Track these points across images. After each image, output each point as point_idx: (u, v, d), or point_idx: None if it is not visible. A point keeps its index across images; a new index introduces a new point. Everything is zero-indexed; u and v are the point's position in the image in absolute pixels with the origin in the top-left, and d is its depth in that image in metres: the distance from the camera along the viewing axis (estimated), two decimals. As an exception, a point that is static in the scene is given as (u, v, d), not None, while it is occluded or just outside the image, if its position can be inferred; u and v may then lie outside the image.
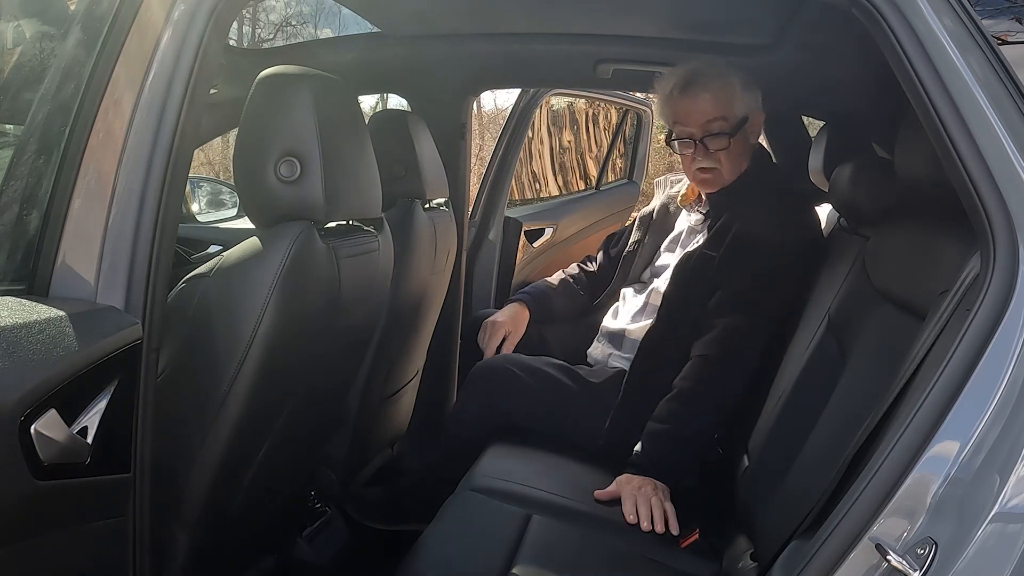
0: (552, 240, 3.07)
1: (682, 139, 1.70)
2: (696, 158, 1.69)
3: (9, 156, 1.00)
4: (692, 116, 1.67)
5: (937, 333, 0.95)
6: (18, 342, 0.82)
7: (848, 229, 1.59)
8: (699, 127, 1.67)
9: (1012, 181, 0.91)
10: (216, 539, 1.27)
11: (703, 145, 1.67)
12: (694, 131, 1.68)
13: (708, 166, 1.68)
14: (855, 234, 1.53)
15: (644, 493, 1.47)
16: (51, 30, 1.08)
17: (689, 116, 1.68)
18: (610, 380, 1.71)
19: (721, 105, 1.66)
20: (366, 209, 1.33)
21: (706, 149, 1.67)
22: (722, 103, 1.66)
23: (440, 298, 2.11)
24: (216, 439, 1.15)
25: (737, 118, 1.67)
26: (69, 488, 0.88)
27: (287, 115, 1.17)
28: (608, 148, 3.63)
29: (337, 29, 5.17)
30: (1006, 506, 0.87)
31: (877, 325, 1.23)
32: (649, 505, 1.44)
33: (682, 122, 1.69)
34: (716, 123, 1.66)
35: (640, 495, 1.47)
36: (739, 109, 1.67)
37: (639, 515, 1.43)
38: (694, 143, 1.68)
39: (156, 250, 0.97)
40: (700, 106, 1.66)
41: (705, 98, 1.66)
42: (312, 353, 1.28)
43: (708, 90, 1.66)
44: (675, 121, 1.71)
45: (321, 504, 1.76)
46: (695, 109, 1.67)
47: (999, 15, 1.09)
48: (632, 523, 1.43)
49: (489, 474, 1.51)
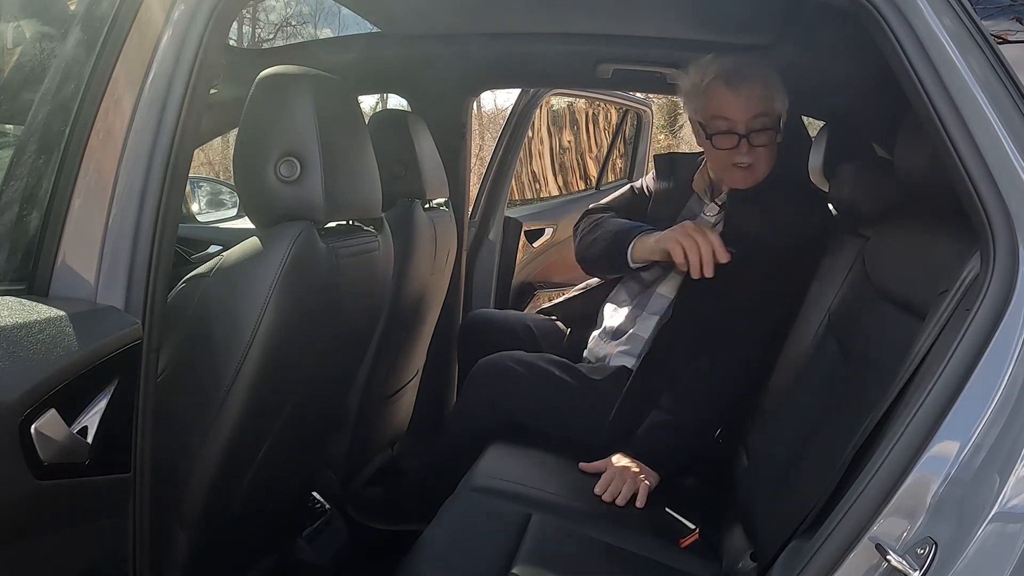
0: (552, 240, 3.07)
1: (724, 133, 1.64)
2: (738, 153, 1.64)
3: (9, 156, 1.00)
4: (739, 111, 1.63)
5: (937, 333, 0.95)
6: (18, 342, 0.82)
7: (848, 229, 1.59)
8: (744, 122, 1.63)
9: (1012, 181, 0.91)
10: (216, 539, 1.27)
11: (747, 140, 1.63)
12: (739, 126, 1.63)
13: (748, 161, 1.65)
14: (855, 234, 1.53)
15: (625, 474, 1.49)
16: (51, 30, 1.08)
17: (736, 110, 1.63)
18: (612, 377, 1.71)
19: (767, 99, 1.63)
20: (366, 209, 1.33)
21: (749, 145, 1.63)
22: (767, 99, 1.63)
23: (440, 298, 2.12)
24: (216, 439, 1.15)
25: (777, 115, 1.65)
26: (69, 488, 0.88)
27: (287, 115, 1.17)
28: (608, 148, 3.64)
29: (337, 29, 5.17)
30: (1006, 506, 0.87)
31: (877, 325, 1.23)
32: (622, 484, 1.47)
33: (725, 115, 1.64)
34: (760, 119, 1.63)
35: (620, 474, 1.49)
36: (779, 106, 1.65)
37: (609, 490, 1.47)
38: (738, 137, 1.64)
39: (156, 250, 0.97)
40: (749, 100, 1.62)
41: (755, 92, 1.62)
42: (312, 353, 1.28)
43: (757, 84, 1.62)
44: (715, 115, 1.65)
45: (321, 504, 1.77)
46: (743, 103, 1.62)
47: (999, 15, 1.09)
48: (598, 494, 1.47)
49: (489, 474, 1.51)
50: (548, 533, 1.33)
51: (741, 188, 1.69)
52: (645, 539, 1.38)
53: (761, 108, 1.63)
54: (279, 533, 1.61)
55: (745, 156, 1.64)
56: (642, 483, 1.49)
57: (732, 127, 1.64)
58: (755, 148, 1.64)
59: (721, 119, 1.65)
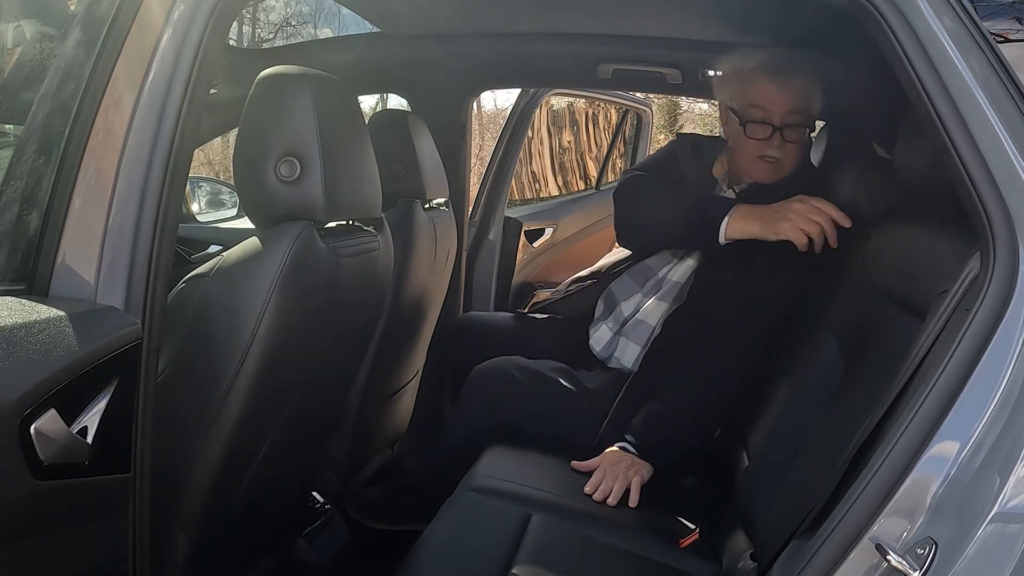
0: (552, 240, 3.07)
1: (759, 123, 1.62)
2: (769, 145, 1.63)
3: (9, 156, 1.00)
4: (778, 103, 1.61)
5: (937, 333, 0.95)
6: (18, 342, 0.82)
7: (848, 229, 1.59)
8: (781, 116, 1.61)
9: (1012, 181, 0.91)
10: (216, 539, 1.27)
11: (780, 134, 1.62)
12: (775, 118, 1.61)
13: (778, 156, 1.63)
14: (855, 234, 1.53)
15: (617, 470, 1.48)
16: (51, 30, 1.08)
17: (775, 102, 1.61)
18: (609, 384, 1.71)
19: (808, 97, 1.62)
20: (366, 209, 1.33)
21: (782, 139, 1.62)
22: (807, 96, 1.62)
23: (440, 298, 2.12)
24: (216, 439, 1.15)
25: (813, 114, 1.64)
26: (69, 488, 0.88)
27: (287, 115, 1.17)
28: (608, 148, 3.64)
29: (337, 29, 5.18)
30: (1006, 506, 0.87)
31: (877, 325, 1.23)
32: (613, 481, 1.46)
33: (764, 106, 1.62)
34: (796, 115, 1.61)
35: (612, 471, 1.48)
36: (816, 106, 1.64)
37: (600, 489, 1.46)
38: (772, 129, 1.62)
39: (156, 250, 0.97)
40: (790, 94, 1.60)
41: (797, 86, 1.61)
42: (312, 353, 1.28)
43: (800, 78, 1.61)
44: (752, 103, 1.63)
45: (321, 504, 1.77)
46: (783, 96, 1.61)
47: (1000, 14, 1.08)
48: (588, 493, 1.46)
49: (489, 474, 1.51)
50: (548, 533, 1.33)
51: (765, 183, 1.67)
52: (645, 539, 1.38)
53: (799, 104, 1.61)
54: (279, 533, 1.61)
55: (775, 150, 1.63)
56: (633, 478, 1.48)
57: (768, 118, 1.62)
58: (786, 143, 1.63)
59: (758, 108, 1.63)
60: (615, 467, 1.49)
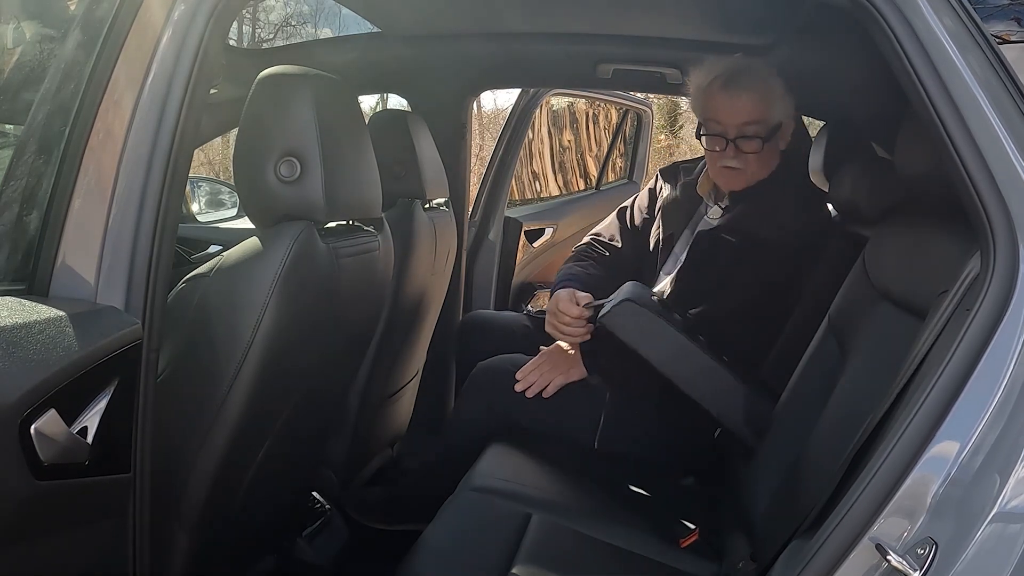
0: (552, 240, 3.07)
1: (714, 135, 1.66)
2: (725, 156, 1.65)
3: (9, 156, 1.00)
4: (729, 115, 1.63)
5: (937, 333, 0.95)
6: (18, 342, 0.82)
7: (848, 229, 1.59)
8: (735, 127, 1.63)
9: (1012, 181, 0.91)
10: (216, 539, 1.27)
11: (735, 145, 1.64)
12: (728, 130, 1.64)
13: (735, 166, 1.65)
14: (855, 234, 1.53)
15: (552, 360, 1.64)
16: (51, 30, 1.08)
17: (726, 114, 1.64)
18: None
19: (760, 108, 1.63)
20: (366, 209, 1.33)
21: (736, 149, 1.64)
22: (761, 106, 1.63)
23: (440, 298, 2.12)
24: (216, 439, 1.15)
25: (773, 123, 1.64)
26: (69, 488, 0.88)
27: (287, 115, 1.17)
28: (608, 148, 3.64)
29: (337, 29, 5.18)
30: (1006, 507, 0.87)
31: (877, 325, 1.23)
32: (539, 375, 1.64)
33: (717, 119, 1.65)
34: (752, 126, 1.63)
35: (548, 360, 1.65)
36: (776, 115, 1.64)
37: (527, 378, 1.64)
38: (726, 142, 1.64)
39: (156, 250, 0.97)
40: (740, 106, 1.62)
41: (746, 98, 1.62)
42: (312, 353, 1.28)
43: (751, 91, 1.62)
44: (709, 117, 1.67)
45: (321, 504, 1.77)
46: (733, 109, 1.63)
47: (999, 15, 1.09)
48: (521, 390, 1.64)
49: (489, 474, 1.51)
50: (548, 533, 1.33)
51: (735, 189, 1.69)
52: (645, 539, 1.38)
53: (753, 116, 1.63)
54: (279, 533, 1.61)
55: (732, 160, 1.65)
56: (559, 375, 1.62)
57: (721, 130, 1.65)
58: (742, 154, 1.65)
59: (713, 121, 1.66)
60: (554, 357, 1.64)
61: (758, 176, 1.67)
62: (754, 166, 1.66)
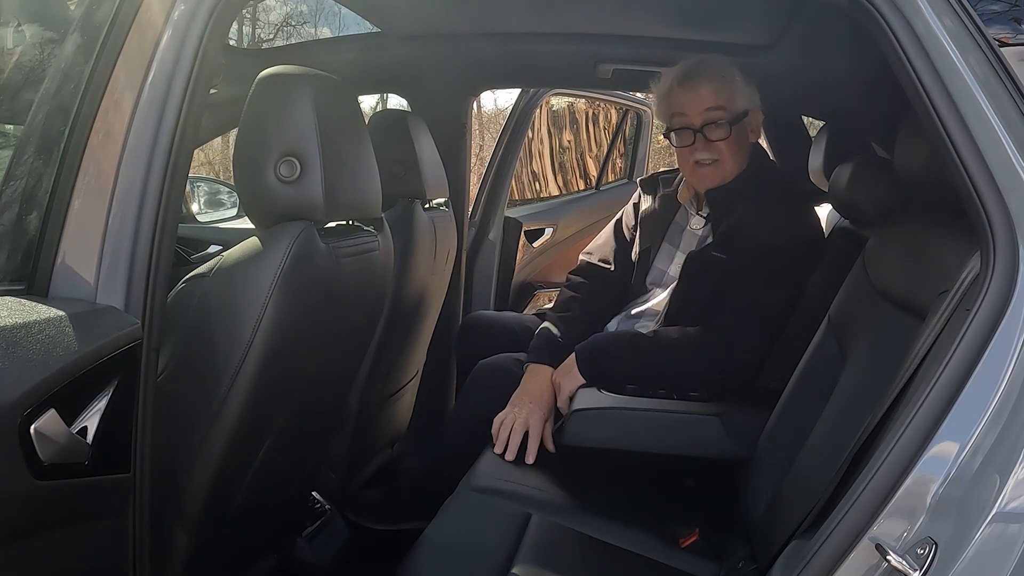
0: (552, 240, 3.07)
1: (681, 129, 1.67)
2: (696, 150, 1.66)
3: (9, 156, 1.00)
4: (692, 105, 1.65)
5: (937, 333, 0.95)
6: (18, 342, 0.82)
7: (848, 229, 1.59)
8: (699, 116, 1.64)
9: (1012, 181, 0.91)
10: (216, 539, 1.27)
11: (702, 135, 1.64)
12: (693, 121, 1.65)
13: (708, 157, 1.65)
14: (855, 234, 1.53)
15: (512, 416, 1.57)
16: (51, 31, 1.08)
17: (689, 106, 1.65)
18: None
19: (722, 96, 1.64)
20: (366, 209, 1.33)
21: (706, 139, 1.64)
22: (723, 94, 1.64)
23: (440, 298, 2.12)
24: (216, 439, 1.15)
25: (737, 110, 1.65)
26: (69, 488, 0.88)
27: (287, 115, 1.17)
28: (608, 148, 3.64)
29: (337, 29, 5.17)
30: (1006, 507, 0.87)
31: (877, 325, 1.23)
32: (507, 430, 1.55)
33: (682, 112, 1.66)
34: (716, 112, 1.64)
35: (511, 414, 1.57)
36: (739, 102, 1.65)
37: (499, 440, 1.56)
38: (693, 134, 1.65)
39: (156, 250, 0.97)
40: (700, 95, 1.64)
41: (705, 87, 1.64)
42: (312, 353, 1.28)
43: (708, 80, 1.64)
44: (674, 113, 1.68)
45: (321, 504, 1.77)
46: (695, 99, 1.64)
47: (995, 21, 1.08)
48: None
49: (489, 474, 1.51)
50: (548, 533, 1.33)
51: (711, 187, 1.69)
52: (645, 539, 1.38)
53: (714, 102, 1.64)
54: (279, 533, 1.61)
55: (703, 152, 1.65)
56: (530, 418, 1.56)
57: (686, 123, 1.66)
58: (713, 143, 1.65)
59: (678, 116, 1.67)
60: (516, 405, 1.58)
61: (734, 169, 1.67)
62: (726, 156, 1.65)
